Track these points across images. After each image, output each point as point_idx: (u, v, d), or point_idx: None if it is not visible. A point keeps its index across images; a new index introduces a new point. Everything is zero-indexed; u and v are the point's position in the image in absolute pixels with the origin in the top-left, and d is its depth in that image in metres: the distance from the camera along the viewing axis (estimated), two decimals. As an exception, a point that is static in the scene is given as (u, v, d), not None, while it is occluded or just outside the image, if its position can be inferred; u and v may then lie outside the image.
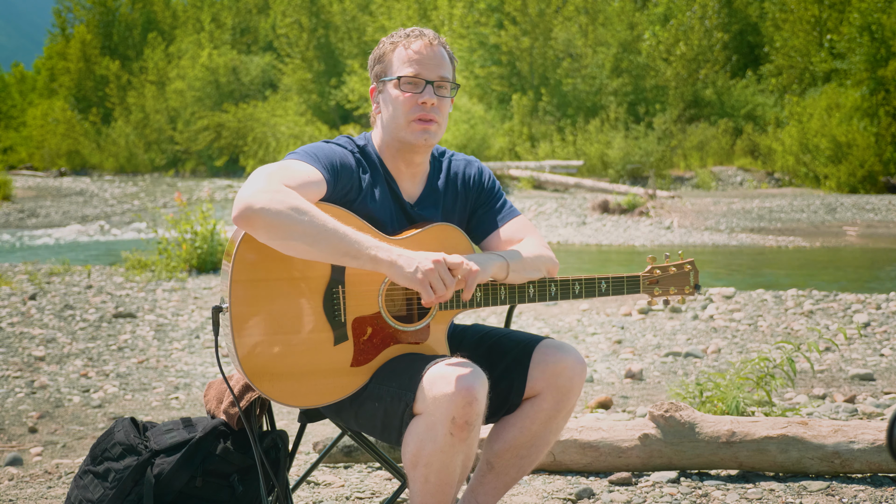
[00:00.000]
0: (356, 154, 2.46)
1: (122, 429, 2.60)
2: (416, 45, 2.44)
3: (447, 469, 2.24)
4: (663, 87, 33.78)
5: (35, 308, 8.58)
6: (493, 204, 2.63)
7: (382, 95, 2.48)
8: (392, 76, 2.44)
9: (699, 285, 2.68)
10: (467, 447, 2.24)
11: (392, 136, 2.46)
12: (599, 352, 6.82)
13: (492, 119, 33.23)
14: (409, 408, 2.23)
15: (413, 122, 2.42)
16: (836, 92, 27.44)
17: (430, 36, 2.47)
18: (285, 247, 2.19)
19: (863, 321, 7.48)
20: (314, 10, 43.58)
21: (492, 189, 2.64)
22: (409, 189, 2.53)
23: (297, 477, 3.49)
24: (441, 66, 2.45)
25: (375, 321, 2.36)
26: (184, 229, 11.02)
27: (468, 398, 2.17)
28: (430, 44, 2.45)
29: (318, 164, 2.32)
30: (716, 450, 3.41)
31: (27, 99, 57.27)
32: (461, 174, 2.62)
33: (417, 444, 2.22)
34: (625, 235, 18.00)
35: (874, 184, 25.28)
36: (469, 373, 2.20)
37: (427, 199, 2.55)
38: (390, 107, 2.45)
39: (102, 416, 5.28)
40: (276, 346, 2.28)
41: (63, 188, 32.41)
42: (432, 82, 2.43)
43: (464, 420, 2.17)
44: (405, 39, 2.46)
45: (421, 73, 2.42)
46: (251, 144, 38.89)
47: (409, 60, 2.43)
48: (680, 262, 2.66)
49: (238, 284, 2.25)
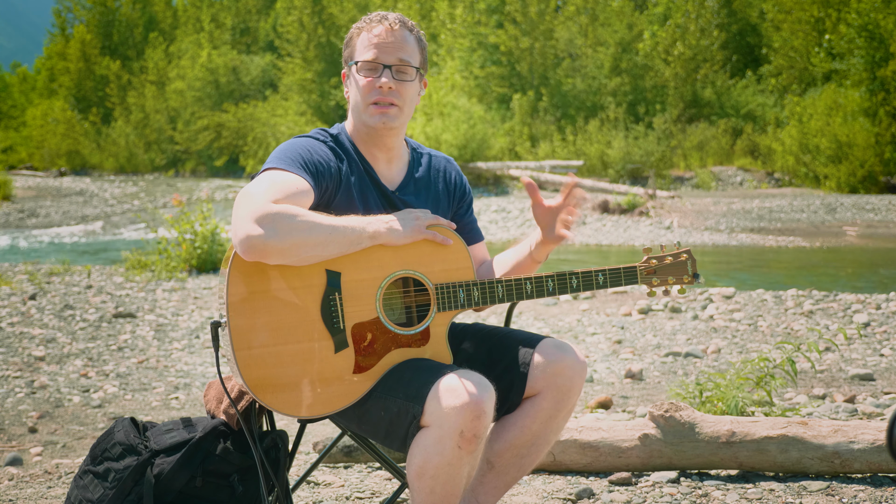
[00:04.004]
0: (329, 143, 2.46)
1: (122, 429, 2.60)
2: (376, 30, 2.45)
3: (453, 481, 2.23)
4: (663, 87, 33.78)
5: (35, 308, 8.58)
6: (467, 213, 2.68)
7: (349, 80, 2.50)
8: (353, 60, 2.46)
9: (698, 274, 2.65)
10: (474, 459, 2.24)
11: (358, 120, 2.48)
12: (599, 352, 6.82)
13: (492, 119, 33.21)
14: (416, 420, 2.22)
15: (370, 105, 2.43)
16: (835, 92, 27.44)
17: (391, 19, 2.46)
18: (298, 261, 2.24)
19: (863, 321, 7.48)
20: (317, 9, 43.59)
21: (464, 194, 2.67)
22: (388, 174, 2.53)
23: (297, 477, 3.49)
24: (401, 50, 2.44)
25: (375, 326, 2.35)
26: (184, 229, 11.01)
27: (477, 412, 2.16)
28: (390, 28, 2.44)
29: (301, 170, 2.30)
30: (716, 450, 3.41)
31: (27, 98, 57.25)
32: (443, 171, 2.63)
33: (424, 456, 2.21)
34: (625, 235, 18.00)
35: (874, 184, 25.29)
36: (478, 386, 2.19)
37: (409, 185, 2.55)
38: (353, 91, 2.48)
39: (102, 416, 5.28)
40: (276, 357, 2.27)
41: (63, 188, 32.40)
42: (390, 66, 2.42)
43: (472, 433, 2.17)
44: (368, 24, 2.47)
45: (379, 58, 2.42)
46: (251, 144, 38.90)
47: (369, 44, 2.44)
48: (676, 252, 2.64)
49: (235, 297, 2.24)
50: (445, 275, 2.43)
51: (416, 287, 2.44)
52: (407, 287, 2.44)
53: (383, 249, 2.35)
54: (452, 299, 2.42)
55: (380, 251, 2.35)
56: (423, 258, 2.40)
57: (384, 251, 2.35)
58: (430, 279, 2.41)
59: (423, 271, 2.40)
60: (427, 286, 2.41)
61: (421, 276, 2.40)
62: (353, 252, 2.30)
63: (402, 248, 2.37)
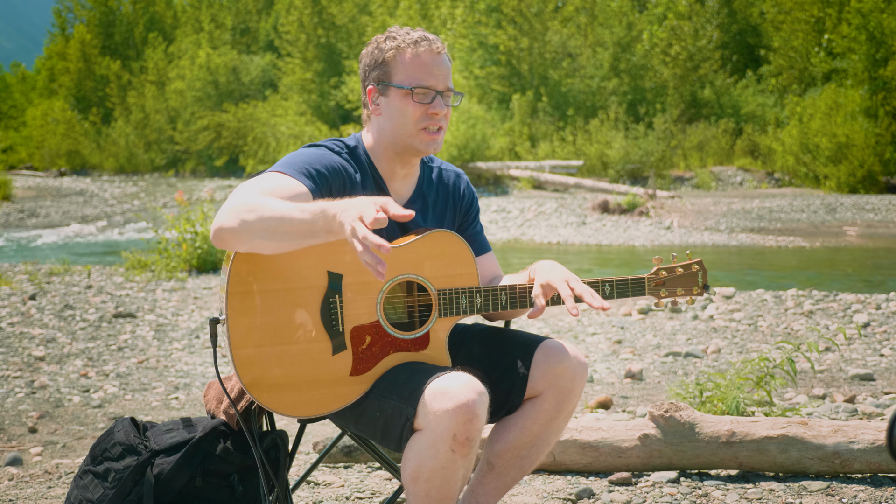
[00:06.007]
0: (344, 154, 2.44)
1: (122, 429, 2.60)
2: (424, 54, 2.40)
3: (448, 484, 2.23)
4: (662, 87, 33.78)
5: (35, 308, 8.58)
6: (472, 224, 2.65)
7: (385, 100, 2.43)
8: (398, 84, 2.39)
9: (708, 285, 2.59)
10: (468, 462, 2.23)
11: (395, 141, 2.44)
12: (599, 352, 6.82)
13: (492, 119, 33.19)
14: (409, 422, 2.22)
15: (422, 131, 2.41)
16: (835, 92, 27.43)
17: (436, 43, 2.42)
18: (253, 248, 2.17)
19: (863, 321, 7.48)
20: (317, 9, 43.58)
21: (471, 206, 2.66)
22: (400, 190, 2.52)
23: (297, 477, 3.49)
24: (448, 76, 2.43)
25: (374, 330, 2.35)
26: (184, 229, 11.02)
27: (469, 415, 2.16)
28: (437, 52, 2.42)
29: (300, 175, 2.28)
30: (716, 450, 3.41)
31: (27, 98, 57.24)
32: (451, 184, 2.63)
33: (418, 460, 2.21)
34: (625, 235, 18.00)
35: (874, 184, 25.27)
36: (470, 388, 2.18)
37: (417, 201, 2.54)
38: (396, 114, 2.41)
39: (102, 416, 5.28)
40: (274, 356, 2.27)
41: (63, 188, 32.39)
42: (442, 93, 2.41)
43: (465, 437, 2.17)
44: (412, 46, 2.40)
45: (433, 85, 2.40)
46: (251, 144, 38.88)
47: (419, 69, 2.39)
48: (687, 263, 2.59)
49: (234, 296, 2.24)
50: (449, 280, 2.43)
51: (420, 290, 2.43)
52: (410, 290, 2.44)
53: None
54: (455, 305, 2.42)
55: (383, 255, 2.33)
56: (427, 262, 2.40)
57: (387, 255, 2.34)
58: (433, 284, 2.41)
59: (427, 276, 2.40)
60: (430, 291, 2.41)
61: (424, 281, 2.40)
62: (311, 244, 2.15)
63: (406, 252, 2.37)
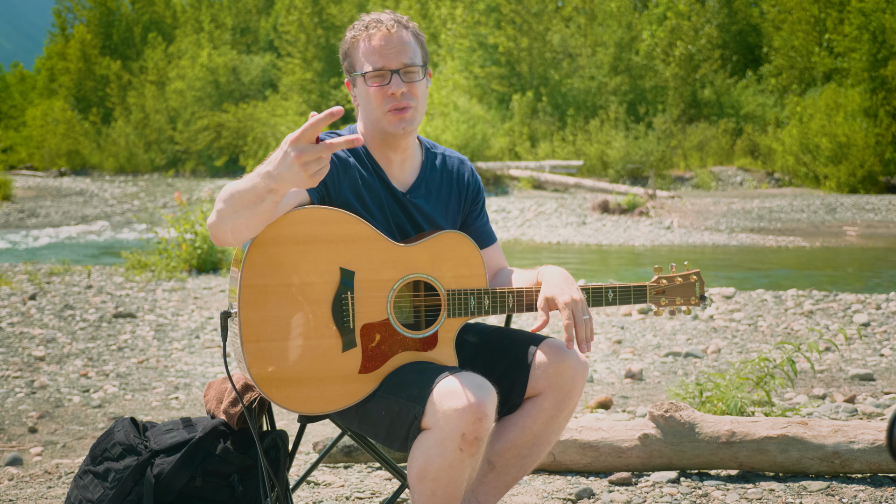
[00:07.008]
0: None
1: (122, 429, 2.60)
2: (375, 37, 2.42)
3: (454, 483, 2.24)
4: (662, 87, 33.78)
5: (35, 308, 8.58)
6: (479, 216, 2.67)
7: (357, 90, 2.48)
8: (358, 71, 2.44)
9: (705, 296, 2.71)
10: (475, 461, 2.24)
11: (374, 127, 2.47)
12: (599, 352, 6.82)
13: (492, 119, 33.20)
14: (417, 421, 2.22)
15: (388, 113, 2.42)
16: (836, 92, 27.44)
17: (387, 23, 2.42)
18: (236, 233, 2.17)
19: (863, 321, 7.48)
20: (316, 9, 43.60)
21: (477, 195, 2.66)
22: (400, 177, 2.52)
23: (297, 477, 3.49)
24: (403, 53, 2.41)
25: (384, 328, 2.36)
26: (184, 229, 11.01)
27: (478, 414, 2.16)
28: (388, 32, 2.42)
29: None
30: (716, 450, 3.41)
31: (27, 98, 57.23)
32: (456, 172, 2.63)
33: (425, 458, 2.21)
34: (625, 235, 18.00)
35: (874, 184, 25.29)
36: (479, 388, 2.19)
37: (420, 188, 2.54)
38: (365, 101, 2.45)
39: (102, 416, 5.28)
40: (284, 351, 2.27)
41: (63, 188, 32.40)
42: (397, 71, 2.41)
43: (474, 436, 2.17)
44: (364, 32, 2.44)
45: (385, 65, 2.40)
46: (251, 144, 38.91)
47: (371, 53, 2.41)
48: (686, 273, 2.70)
49: (247, 289, 2.25)
50: (458, 281, 2.44)
51: (427, 290, 2.44)
52: (418, 290, 2.45)
53: (398, 251, 2.36)
54: (463, 306, 2.43)
55: (395, 253, 2.36)
56: (437, 262, 2.41)
57: (399, 253, 2.36)
58: (442, 284, 2.42)
59: (437, 276, 2.41)
60: (439, 291, 2.42)
61: (434, 281, 2.41)
62: (264, 206, 2.12)
63: (416, 252, 2.38)
